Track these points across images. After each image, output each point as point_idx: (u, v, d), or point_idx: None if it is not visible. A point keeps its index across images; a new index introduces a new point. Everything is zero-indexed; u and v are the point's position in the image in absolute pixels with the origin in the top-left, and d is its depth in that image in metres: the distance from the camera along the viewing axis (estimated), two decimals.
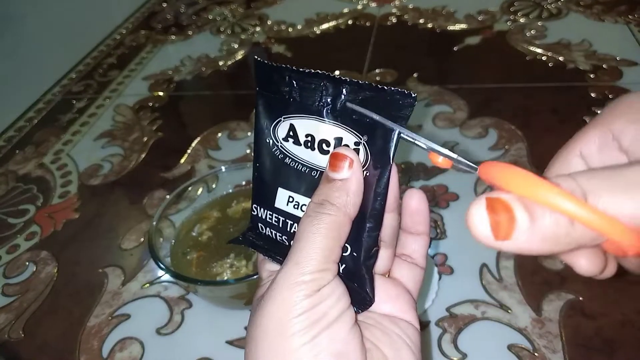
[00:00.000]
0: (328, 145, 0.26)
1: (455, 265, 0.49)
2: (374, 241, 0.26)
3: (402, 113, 0.24)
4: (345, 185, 0.24)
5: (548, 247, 0.18)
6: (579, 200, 0.17)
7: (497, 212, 0.17)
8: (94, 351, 0.47)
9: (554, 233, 0.17)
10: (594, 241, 0.18)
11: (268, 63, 0.27)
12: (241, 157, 0.67)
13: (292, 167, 0.28)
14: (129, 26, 1.09)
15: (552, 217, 0.17)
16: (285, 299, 0.23)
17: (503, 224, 0.17)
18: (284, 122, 0.27)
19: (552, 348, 0.42)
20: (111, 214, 0.62)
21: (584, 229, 0.17)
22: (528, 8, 0.91)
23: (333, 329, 0.23)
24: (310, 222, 0.24)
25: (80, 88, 0.90)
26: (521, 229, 0.17)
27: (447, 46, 0.84)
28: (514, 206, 0.17)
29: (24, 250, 0.59)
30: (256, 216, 0.30)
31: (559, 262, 0.48)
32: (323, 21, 0.98)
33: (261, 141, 0.28)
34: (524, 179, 0.18)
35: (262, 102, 0.28)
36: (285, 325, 0.22)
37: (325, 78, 0.25)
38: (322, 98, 0.26)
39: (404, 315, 0.27)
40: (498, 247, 0.18)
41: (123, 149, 0.73)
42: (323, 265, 0.23)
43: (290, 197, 0.28)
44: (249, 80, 0.86)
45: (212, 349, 0.46)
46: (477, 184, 0.57)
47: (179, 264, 0.48)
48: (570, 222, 0.17)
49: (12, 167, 0.73)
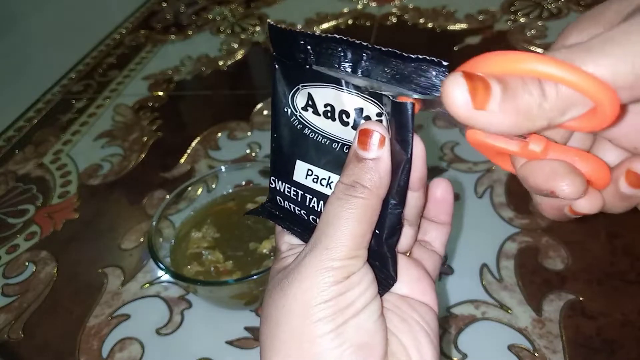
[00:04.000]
0: (348, 116, 0.25)
1: (455, 265, 0.49)
2: (397, 219, 0.24)
3: (431, 83, 0.21)
4: (378, 166, 0.23)
5: (521, 122, 0.18)
6: (554, 60, 0.17)
7: (473, 81, 0.17)
8: (93, 351, 0.47)
9: (527, 104, 0.17)
10: (564, 113, 0.18)
11: (282, 27, 0.25)
12: (241, 157, 0.66)
13: (312, 138, 0.26)
14: (128, 26, 1.08)
15: (524, 88, 0.17)
16: (313, 284, 0.22)
17: (480, 90, 0.17)
18: (302, 91, 0.25)
19: (552, 348, 0.42)
20: (111, 214, 0.62)
21: (554, 99, 0.17)
22: (528, 8, 0.91)
23: (359, 318, 0.23)
24: (340, 206, 0.23)
25: (80, 88, 0.89)
26: (496, 98, 0.17)
27: (447, 46, 0.84)
28: (488, 77, 0.17)
29: (24, 250, 0.59)
30: (274, 189, 0.28)
31: (559, 262, 0.48)
32: (323, 21, 0.98)
33: (279, 110, 0.27)
34: (496, 57, 0.18)
35: (280, 69, 0.26)
36: (310, 310, 0.22)
37: (344, 43, 0.23)
38: (341, 64, 0.24)
39: (424, 297, 0.26)
40: (474, 121, 0.18)
41: (123, 149, 0.73)
42: (354, 252, 0.23)
43: (310, 170, 0.27)
44: (249, 80, 0.86)
45: (212, 349, 0.46)
46: (477, 184, 0.57)
47: (178, 263, 0.48)
48: (542, 94, 0.17)
49: (12, 167, 0.73)
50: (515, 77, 0.18)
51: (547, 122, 0.18)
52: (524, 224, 0.52)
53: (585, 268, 0.47)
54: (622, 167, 0.21)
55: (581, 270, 0.47)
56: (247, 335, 0.46)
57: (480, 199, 0.56)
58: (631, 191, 0.21)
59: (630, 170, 0.21)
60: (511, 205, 0.54)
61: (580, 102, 0.18)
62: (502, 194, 0.56)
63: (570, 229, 0.51)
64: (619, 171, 0.21)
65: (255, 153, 0.66)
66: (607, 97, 0.17)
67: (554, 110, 0.18)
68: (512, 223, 0.53)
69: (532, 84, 0.18)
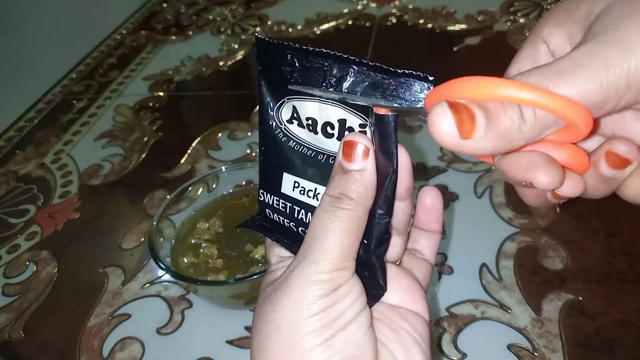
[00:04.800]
0: (333, 127, 0.25)
1: (455, 265, 0.50)
2: (385, 228, 0.24)
3: (417, 97, 0.22)
4: (363, 177, 0.23)
5: (503, 144, 0.19)
6: (531, 86, 0.18)
7: (459, 112, 0.18)
8: (94, 351, 0.47)
9: (508, 128, 0.18)
10: (542, 132, 0.19)
11: (269, 40, 0.25)
12: (241, 157, 0.67)
13: (297, 150, 0.26)
14: (129, 26, 1.09)
15: (505, 112, 0.18)
16: (301, 297, 0.22)
17: (465, 121, 0.18)
18: (287, 104, 0.26)
19: (551, 348, 0.42)
20: (111, 214, 0.63)
21: (532, 122, 0.18)
22: (528, 8, 0.91)
23: (348, 330, 0.23)
24: (327, 218, 0.23)
25: (80, 88, 0.90)
26: (480, 126, 0.18)
27: (447, 46, 0.84)
28: (471, 106, 0.18)
29: (25, 250, 0.59)
30: (263, 202, 0.29)
31: (558, 262, 0.48)
32: (323, 21, 0.98)
33: (265, 123, 0.27)
34: (475, 82, 0.18)
35: (265, 82, 0.26)
36: (299, 324, 0.22)
37: (331, 57, 0.23)
38: (326, 79, 0.24)
39: (415, 306, 0.26)
40: (460, 148, 0.18)
41: (123, 149, 0.73)
42: (342, 263, 0.23)
43: (296, 183, 0.27)
44: (249, 81, 0.86)
45: (212, 349, 0.46)
46: (476, 184, 0.58)
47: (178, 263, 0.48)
48: (520, 117, 0.18)
49: (13, 167, 0.73)
50: (495, 103, 0.18)
51: (525, 142, 0.19)
52: (523, 223, 0.52)
53: (584, 268, 0.47)
54: (601, 150, 0.21)
55: (580, 269, 0.47)
56: (247, 335, 0.46)
57: (480, 199, 0.56)
58: (611, 172, 0.21)
59: (609, 152, 0.21)
60: (510, 205, 0.55)
61: (555, 122, 0.19)
62: (501, 193, 0.56)
63: (569, 228, 0.51)
64: (598, 153, 0.21)
65: (255, 153, 0.66)
66: (580, 117, 0.18)
67: (533, 132, 0.19)
68: (512, 223, 0.53)
69: (512, 109, 0.18)
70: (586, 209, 0.53)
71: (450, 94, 0.19)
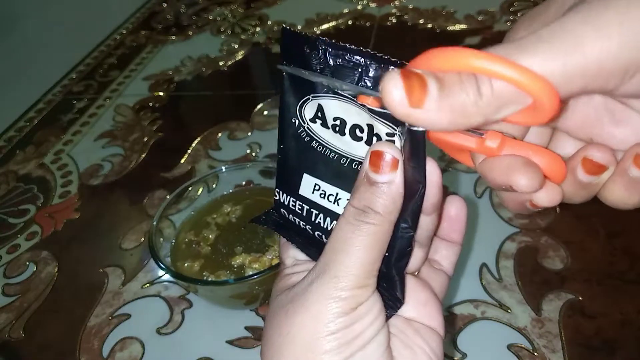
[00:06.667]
0: (362, 131, 0.23)
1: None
2: (408, 242, 0.23)
3: None
4: (390, 190, 0.22)
5: (458, 119, 0.18)
6: (488, 54, 0.18)
7: (410, 79, 0.18)
8: (94, 351, 0.47)
9: (462, 102, 0.18)
10: (500, 109, 0.18)
11: (299, 32, 0.24)
12: (241, 157, 0.67)
13: (320, 152, 0.25)
14: (129, 26, 1.09)
15: (461, 85, 0.18)
16: (319, 314, 0.21)
17: (416, 88, 0.17)
18: (312, 102, 0.24)
19: (551, 348, 0.42)
20: (111, 214, 0.63)
21: (489, 96, 0.18)
22: (528, 8, 0.91)
23: (367, 351, 0.22)
24: (351, 232, 0.22)
25: (80, 88, 0.90)
26: (432, 96, 0.18)
27: (447, 46, 0.84)
28: (425, 75, 0.18)
29: (25, 250, 0.59)
30: (278, 201, 0.27)
31: (558, 262, 0.48)
32: (323, 21, 0.98)
33: (286, 120, 0.26)
34: (435, 53, 0.18)
35: (288, 76, 0.25)
36: (316, 342, 0.21)
37: (370, 57, 0.22)
38: (362, 79, 0.22)
39: (431, 321, 0.25)
40: (412, 119, 0.18)
41: (123, 149, 0.73)
42: (363, 280, 0.22)
43: (317, 185, 0.26)
44: (250, 81, 0.86)
45: (212, 349, 0.46)
46: (476, 184, 0.58)
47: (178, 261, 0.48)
48: (477, 92, 0.18)
49: (13, 167, 0.73)
50: (452, 73, 0.18)
51: (483, 119, 0.18)
52: (523, 223, 0.52)
53: (584, 268, 0.47)
54: (578, 156, 0.21)
55: (580, 269, 0.47)
56: (247, 335, 0.46)
57: (480, 199, 0.56)
58: (588, 178, 0.21)
59: (585, 158, 0.21)
60: None
61: (515, 99, 0.18)
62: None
63: (569, 228, 0.51)
64: (575, 160, 0.21)
65: (255, 153, 0.66)
66: (545, 91, 0.17)
67: (490, 107, 0.18)
68: (512, 223, 0.53)
69: (469, 82, 0.18)
70: (586, 209, 0.53)
71: (413, 66, 0.19)
